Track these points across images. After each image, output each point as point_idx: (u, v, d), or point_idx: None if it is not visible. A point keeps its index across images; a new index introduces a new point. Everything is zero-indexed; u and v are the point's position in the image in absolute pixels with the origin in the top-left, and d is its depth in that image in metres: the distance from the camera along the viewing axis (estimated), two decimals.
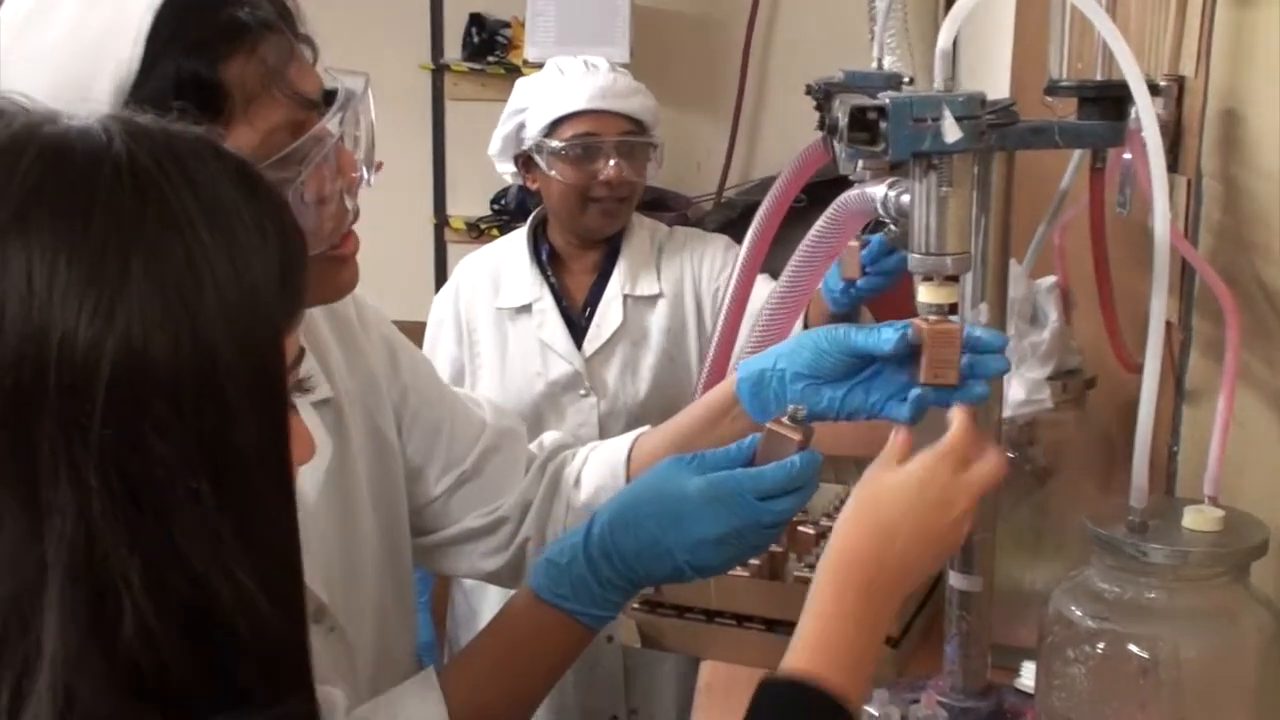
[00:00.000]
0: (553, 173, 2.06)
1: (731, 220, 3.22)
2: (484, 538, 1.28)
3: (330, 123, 0.99)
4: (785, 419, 1.04)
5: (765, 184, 1.58)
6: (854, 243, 1.59)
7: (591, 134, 2.05)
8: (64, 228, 0.61)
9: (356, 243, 1.06)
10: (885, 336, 1.05)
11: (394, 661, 1.24)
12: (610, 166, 2.04)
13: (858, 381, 1.10)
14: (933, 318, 1.03)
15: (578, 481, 1.29)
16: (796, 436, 1.03)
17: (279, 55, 0.96)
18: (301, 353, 0.73)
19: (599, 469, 1.29)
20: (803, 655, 0.87)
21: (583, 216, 2.09)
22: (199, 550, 0.63)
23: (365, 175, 1.05)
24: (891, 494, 0.94)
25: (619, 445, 1.30)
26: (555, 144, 2.05)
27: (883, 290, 1.69)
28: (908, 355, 1.05)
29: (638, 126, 2.09)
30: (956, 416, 0.99)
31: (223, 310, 0.64)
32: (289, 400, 0.70)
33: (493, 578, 1.32)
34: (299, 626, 0.71)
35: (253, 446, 0.65)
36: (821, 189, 1.41)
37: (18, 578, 0.61)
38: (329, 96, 1.01)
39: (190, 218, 0.64)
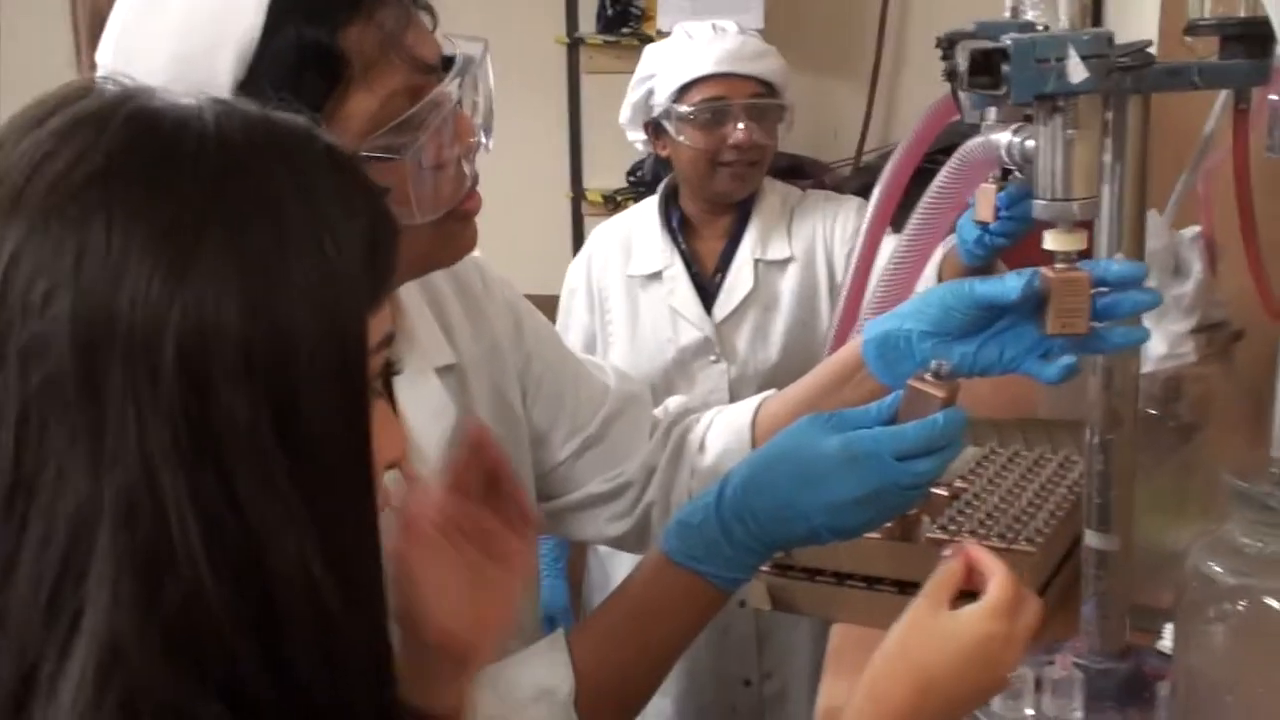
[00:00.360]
0: (681, 138, 2.06)
1: (870, 185, 3.15)
2: (609, 502, 1.29)
3: (448, 87, 0.99)
4: (928, 375, 1.00)
5: None
6: (989, 184, 1.54)
7: (720, 98, 2.04)
8: (145, 191, 0.62)
9: (478, 203, 1.06)
10: (1010, 285, 1.02)
11: (519, 624, 1.26)
12: (739, 130, 2.03)
13: (990, 335, 1.06)
14: (1060, 266, 1.00)
15: (702, 446, 1.29)
16: (940, 393, 0.98)
17: (396, 21, 0.97)
18: (390, 336, 0.72)
19: (724, 433, 1.28)
20: None
21: (713, 181, 2.09)
22: (260, 512, 0.63)
23: (484, 141, 1.05)
24: (936, 650, 0.88)
25: (744, 409, 1.29)
26: (684, 109, 2.05)
27: (1018, 236, 1.64)
28: (1037, 305, 1.02)
29: (767, 89, 2.07)
30: (995, 569, 0.91)
31: (303, 286, 0.64)
32: (370, 383, 0.68)
33: (618, 543, 1.33)
34: (375, 618, 0.69)
35: (327, 424, 0.65)
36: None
37: (77, 526, 0.61)
38: (448, 63, 1.02)
39: (279, 194, 0.64)
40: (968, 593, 0.92)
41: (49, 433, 0.61)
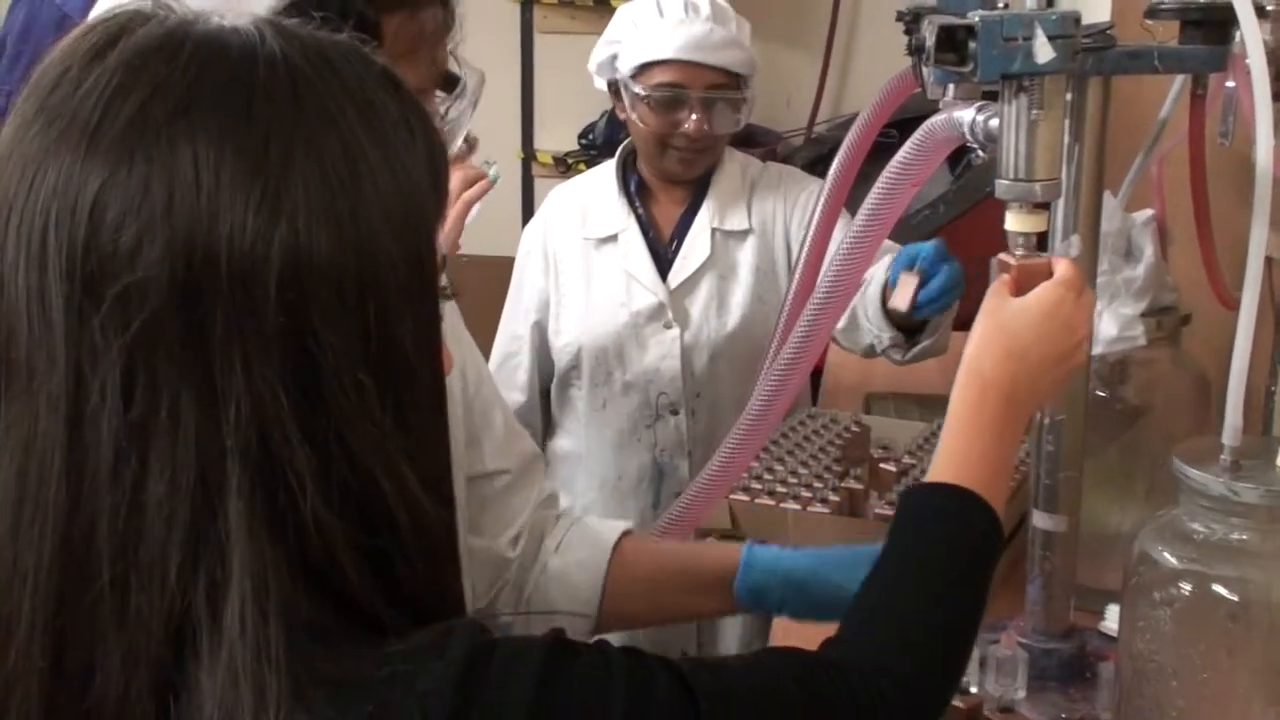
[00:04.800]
0: (634, 115, 2.03)
1: (821, 156, 3.16)
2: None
3: (450, 106, 1.02)
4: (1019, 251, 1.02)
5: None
6: (912, 276, 1.53)
7: (677, 85, 2.00)
8: (227, 119, 0.62)
9: None
10: None
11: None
12: (693, 120, 1.99)
13: None
14: (1020, 252, 1.00)
15: (558, 547, 1.26)
16: (1045, 259, 1.01)
17: (435, 26, 1.00)
18: (444, 259, 0.73)
19: (583, 545, 1.25)
20: (948, 469, 0.91)
21: (661, 160, 2.06)
22: (363, 442, 0.64)
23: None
24: (1020, 318, 0.97)
25: (608, 530, 1.26)
26: (640, 90, 2.01)
27: (945, 308, 1.62)
28: None
29: (730, 79, 2.03)
30: (1059, 260, 1.01)
31: (380, 205, 0.65)
32: (439, 302, 0.70)
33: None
34: (453, 513, 0.72)
35: (411, 344, 0.66)
36: (914, 126, 1.36)
37: (202, 464, 0.62)
38: (450, 80, 1.03)
39: (345, 114, 0.65)
40: None
41: (157, 377, 0.61)
